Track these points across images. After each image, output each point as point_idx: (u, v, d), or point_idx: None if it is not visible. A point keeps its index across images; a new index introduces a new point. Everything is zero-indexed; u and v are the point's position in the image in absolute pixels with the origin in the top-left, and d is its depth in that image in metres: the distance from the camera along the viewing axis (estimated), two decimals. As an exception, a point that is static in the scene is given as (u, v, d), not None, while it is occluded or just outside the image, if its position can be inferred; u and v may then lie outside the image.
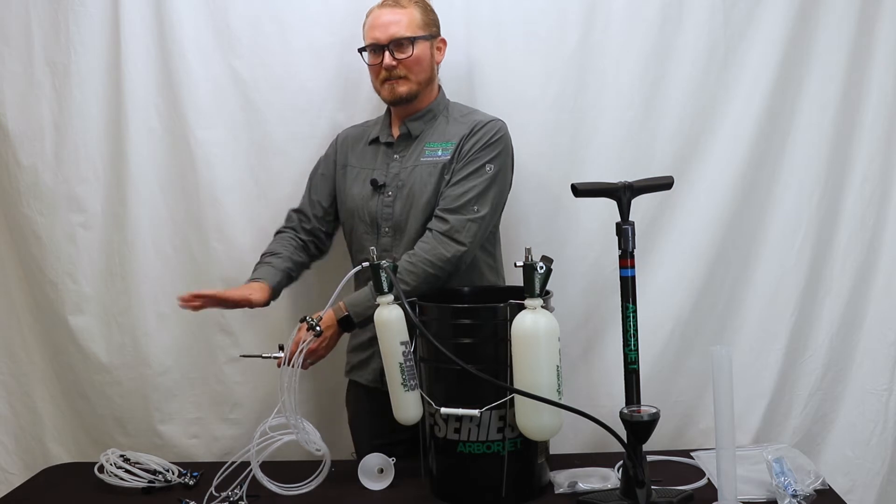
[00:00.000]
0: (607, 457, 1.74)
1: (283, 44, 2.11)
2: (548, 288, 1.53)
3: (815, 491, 1.56)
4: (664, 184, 1.64)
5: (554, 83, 2.07)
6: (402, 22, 1.85)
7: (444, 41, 1.95)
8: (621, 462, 1.54)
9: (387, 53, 1.85)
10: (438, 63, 1.95)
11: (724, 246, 2.10)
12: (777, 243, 2.11)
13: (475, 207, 1.82)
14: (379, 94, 1.93)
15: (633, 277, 1.54)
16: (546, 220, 2.10)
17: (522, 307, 1.49)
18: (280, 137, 2.13)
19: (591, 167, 2.07)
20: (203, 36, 2.11)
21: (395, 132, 1.95)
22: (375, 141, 1.97)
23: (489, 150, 1.85)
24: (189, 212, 2.16)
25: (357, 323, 1.81)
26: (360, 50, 1.92)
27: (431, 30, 1.91)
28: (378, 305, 1.63)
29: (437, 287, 1.81)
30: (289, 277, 1.95)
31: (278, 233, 2.04)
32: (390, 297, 1.61)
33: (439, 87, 1.98)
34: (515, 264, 1.50)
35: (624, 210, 1.57)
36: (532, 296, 1.48)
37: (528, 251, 1.50)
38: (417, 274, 1.78)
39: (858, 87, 2.07)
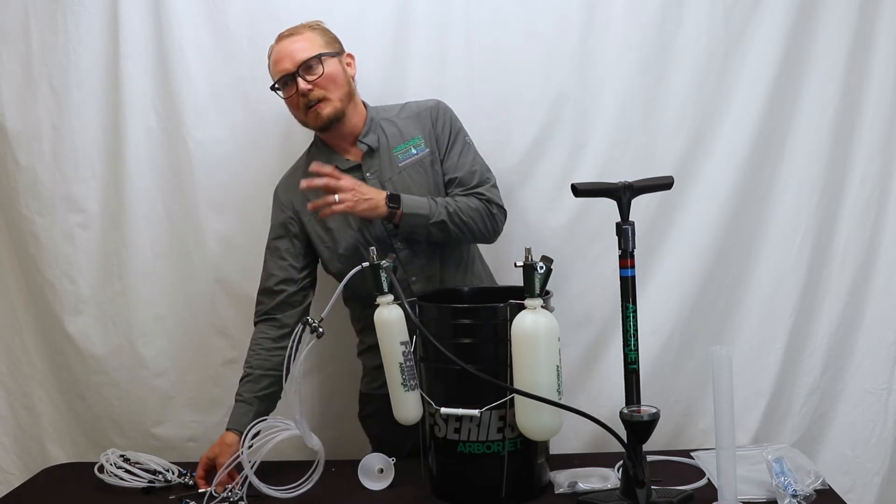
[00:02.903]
0: (607, 457, 1.74)
1: (281, 43, 2.11)
2: (548, 288, 1.53)
3: (815, 491, 1.56)
4: (664, 184, 1.64)
5: (554, 83, 2.07)
6: (304, 46, 1.83)
7: (351, 56, 1.92)
8: (621, 462, 1.54)
9: (299, 80, 1.81)
10: (353, 77, 1.91)
11: (724, 246, 2.10)
12: (777, 243, 2.11)
13: (487, 176, 1.89)
14: (306, 125, 1.89)
15: (633, 277, 1.54)
16: (546, 220, 2.10)
17: (522, 307, 1.49)
18: (279, 138, 2.13)
19: (591, 167, 2.07)
20: (202, 36, 2.10)
21: (351, 155, 1.90)
22: None
23: (455, 124, 1.91)
24: (187, 212, 2.15)
25: (401, 211, 1.74)
26: (273, 88, 1.87)
27: (335, 47, 1.88)
28: (430, 222, 1.72)
29: (481, 238, 1.88)
30: (271, 395, 1.83)
31: (257, 323, 1.92)
32: (390, 297, 1.61)
33: (363, 101, 1.95)
34: (515, 264, 1.50)
35: (624, 210, 1.57)
36: (532, 296, 1.48)
37: (528, 251, 1.50)
38: (473, 209, 1.82)
39: (858, 87, 2.08)
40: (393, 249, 1.85)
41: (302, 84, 1.81)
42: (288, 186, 1.96)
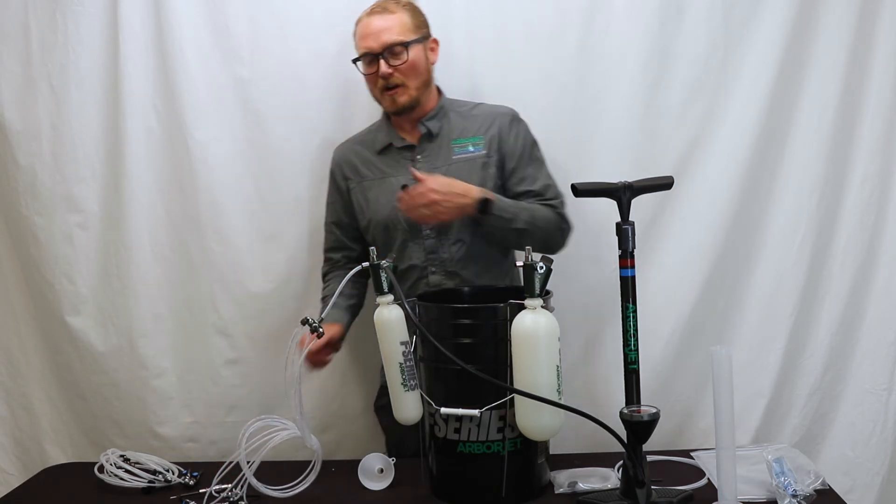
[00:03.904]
0: (607, 457, 1.74)
1: (281, 44, 2.11)
2: (548, 288, 1.53)
3: (815, 491, 1.56)
4: (664, 184, 1.64)
5: (554, 83, 2.08)
6: (393, 28, 1.83)
7: (436, 41, 1.93)
8: (621, 462, 1.54)
9: (382, 62, 1.83)
10: (433, 64, 1.93)
11: (724, 246, 2.10)
12: (777, 243, 2.11)
13: (559, 192, 1.91)
14: (379, 102, 1.92)
15: (633, 277, 1.54)
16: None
17: (522, 307, 1.49)
18: (279, 138, 2.13)
19: (591, 167, 2.07)
20: (202, 36, 2.10)
21: (409, 135, 1.93)
22: (388, 148, 1.94)
23: (530, 137, 1.93)
24: (187, 212, 2.15)
25: (492, 212, 1.78)
26: (355, 60, 1.90)
27: (423, 32, 1.89)
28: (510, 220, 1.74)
29: (547, 249, 1.82)
30: (355, 305, 1.99)
31: (326, 276, 2.03)
32: (390, 297, 1.61)
33: (437, 86, 1.98)
34: (515, 264, 1.50)
35: (624, 210, 1.57)
36: (532, 296, 1.48)
37: (528, 251, 1.50)
38: (549, 219, 1.85)
39: (858, 87, 2.08)
40: (421, 235, 1.87)
41: (384, 67, 1.83)
42: (342, 152, 2.01)
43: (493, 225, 1.81)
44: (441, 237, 1.88)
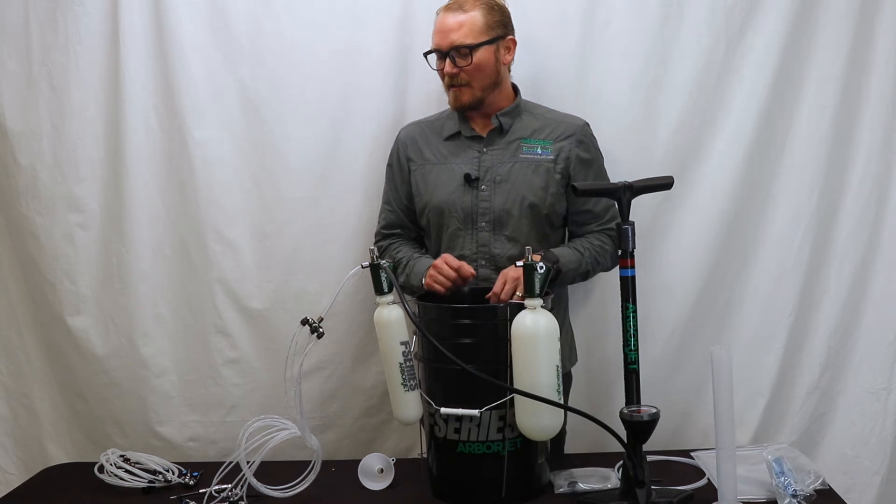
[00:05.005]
0: (607, 457, 1.74)
1: (281, 44, 2.10)
2: (548, 288, 1.53)
3: (815, 491, 1.56)
4: (664, 184, 1.64)
5: (554, 83, 2.08)
6: (462, 28, 1.82)
7: (513, 41, 1.90)
8: (621, 462, 1.54)
9: (448, 61, 1.83)
10: (506, 64, 1.90)
11: (724, 245, 2.10)
12: (776, 243, 2.11)
13: (616, 213, 1.89)
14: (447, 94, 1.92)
15: (633, 277, 1.54)
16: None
17: (522, 307, 1.49)
18: (278, 138, 2.13)
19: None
20: (202, 36, 2.10)
21: (479, 127, 1.92)
22: (455, 135, 1.93)
23: (600, 154, 1.93)
24: (187, 212, 2.15)
25: (564, 279, 1.83)
26: (426, 54, 1.89)
27: (496, 32, 1.85)
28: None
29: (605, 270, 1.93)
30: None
31: (385, 248, 1.99)
32: (390, 297, 1.61)
33: (513, 84, 1.96)
34: (515, 264, 1.51)
35: (624, 210, 1.58)
36: (532, 296, 1.48)
37: (529, 251, 1.50)
38: (608, 251, 1.88)
39: (858, 87, 2.07)
40: (476, 227, 1.87)
41: (449, 67, 1.83)
42: (411, 134, 1.99)
43: (564, 280, 1.84)
44: (496, 232, 1.87)
